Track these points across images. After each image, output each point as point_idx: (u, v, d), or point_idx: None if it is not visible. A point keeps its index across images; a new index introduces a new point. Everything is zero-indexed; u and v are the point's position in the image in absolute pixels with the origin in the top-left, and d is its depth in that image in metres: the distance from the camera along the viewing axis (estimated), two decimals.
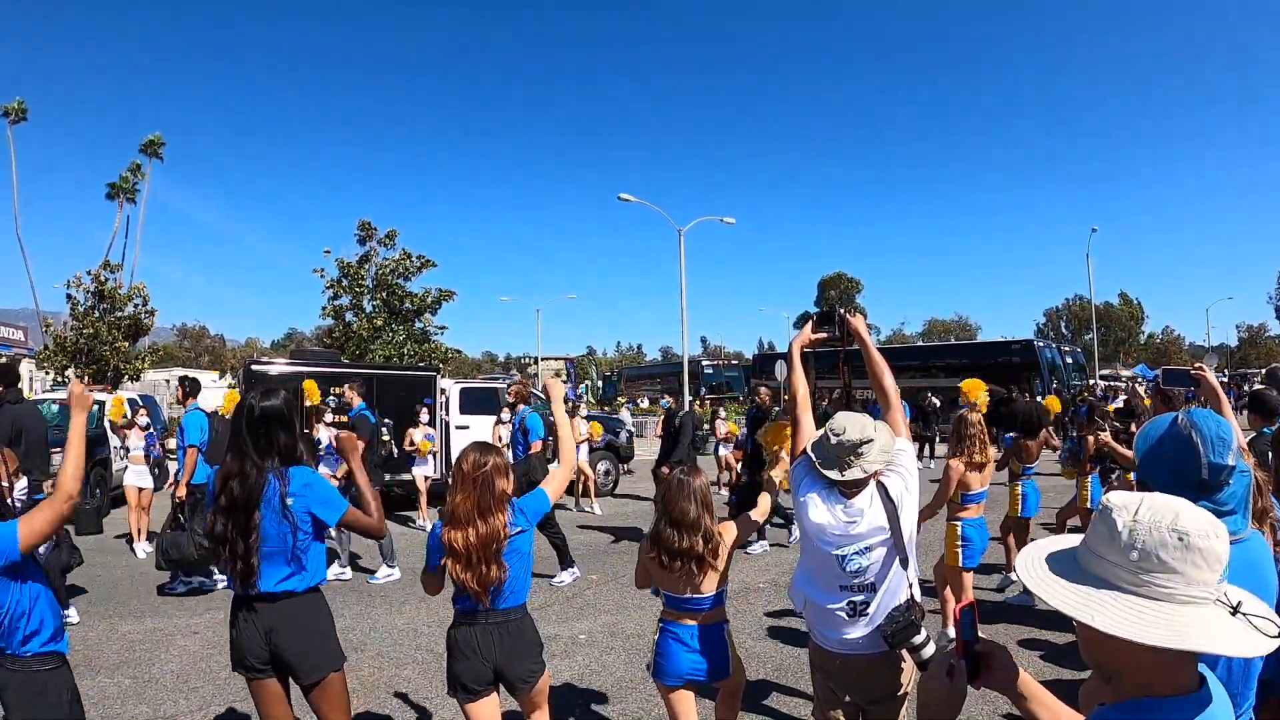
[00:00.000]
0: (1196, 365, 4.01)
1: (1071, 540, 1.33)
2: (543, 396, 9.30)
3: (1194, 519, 1.16)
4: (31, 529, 2.52)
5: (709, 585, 3.22)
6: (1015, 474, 6.93)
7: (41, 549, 2.77)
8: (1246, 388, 23.59)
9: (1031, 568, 1.30)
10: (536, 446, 8.13)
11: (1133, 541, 1.17)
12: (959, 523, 5.29)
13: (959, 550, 5.23)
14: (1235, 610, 1.16)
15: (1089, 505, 7.63)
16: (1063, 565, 1.27)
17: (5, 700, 2.55)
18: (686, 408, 12.27)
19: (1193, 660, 1.19)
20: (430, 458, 11.26)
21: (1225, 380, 28.24)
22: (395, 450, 10.76)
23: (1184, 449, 1.79)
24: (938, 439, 18.35)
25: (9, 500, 2.78)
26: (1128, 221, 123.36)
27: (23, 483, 2.93)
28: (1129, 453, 4.81)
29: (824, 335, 3.16)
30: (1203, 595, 1.15)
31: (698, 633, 3.23)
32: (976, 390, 5.82)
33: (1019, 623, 6.03)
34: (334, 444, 7.27)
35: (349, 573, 7.91)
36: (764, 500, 3.81)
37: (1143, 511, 1.18)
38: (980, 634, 1.44)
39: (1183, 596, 1.14)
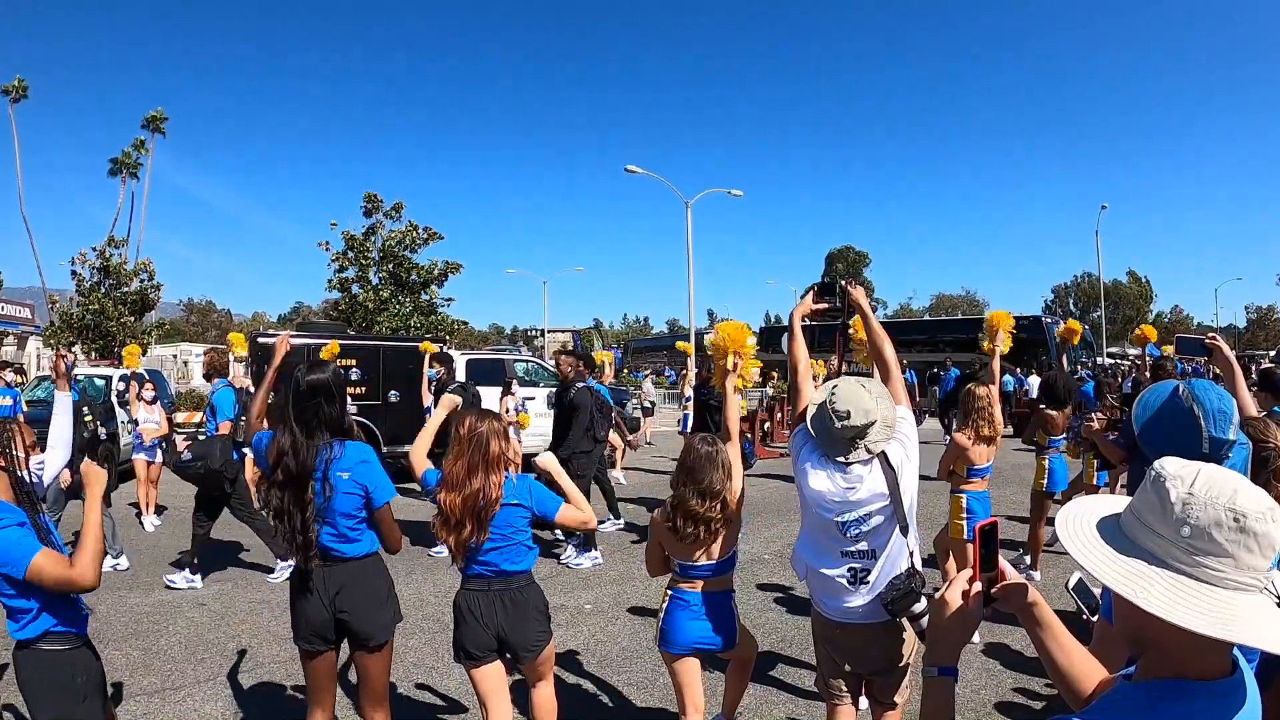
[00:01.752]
0: (1211, 335, 3.97)
1: (1117, 503, 1.25)
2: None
3: (1252, 499, 1.07)
4: (40, 571, 2.45)
5: (718, 550, 3.24)
6: (1042, 446, 6.89)
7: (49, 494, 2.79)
8: (1255, 367, 23.47)
9: (1077, 531, 1.22)
10: (225, 428, 6.85)
11: (1185, 515, 1.09)
12: (964, 495, 5.29)
13: (963, 523, 5.24)
14: None
15: (1095, 481, 7.59)
16: (1109, 532, 1.19)
17: (19, 678, 2.60)
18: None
19: (1229, 645, 1.13)
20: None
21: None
22: (103, 431, 9.79)
23: (1185, 421, 1.75)
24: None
25: (23, 472, 2.70)
26: (1137, 199, 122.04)
27: (38, 457, 2.89)
28: (1114, 449, 4.75)
29: (825, 305, 3.17)
30: (1251, 582, 1.08)
31: (704, 600, 3.24)
32: (1004, 321, 5.75)
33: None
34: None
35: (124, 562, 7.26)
36: (732, 409, 3.63)
37: (1199, 484, 1.10)
38: (1000, 558, 1.37)
39: (1232, 582, 1.07)
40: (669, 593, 3.33)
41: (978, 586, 1.36)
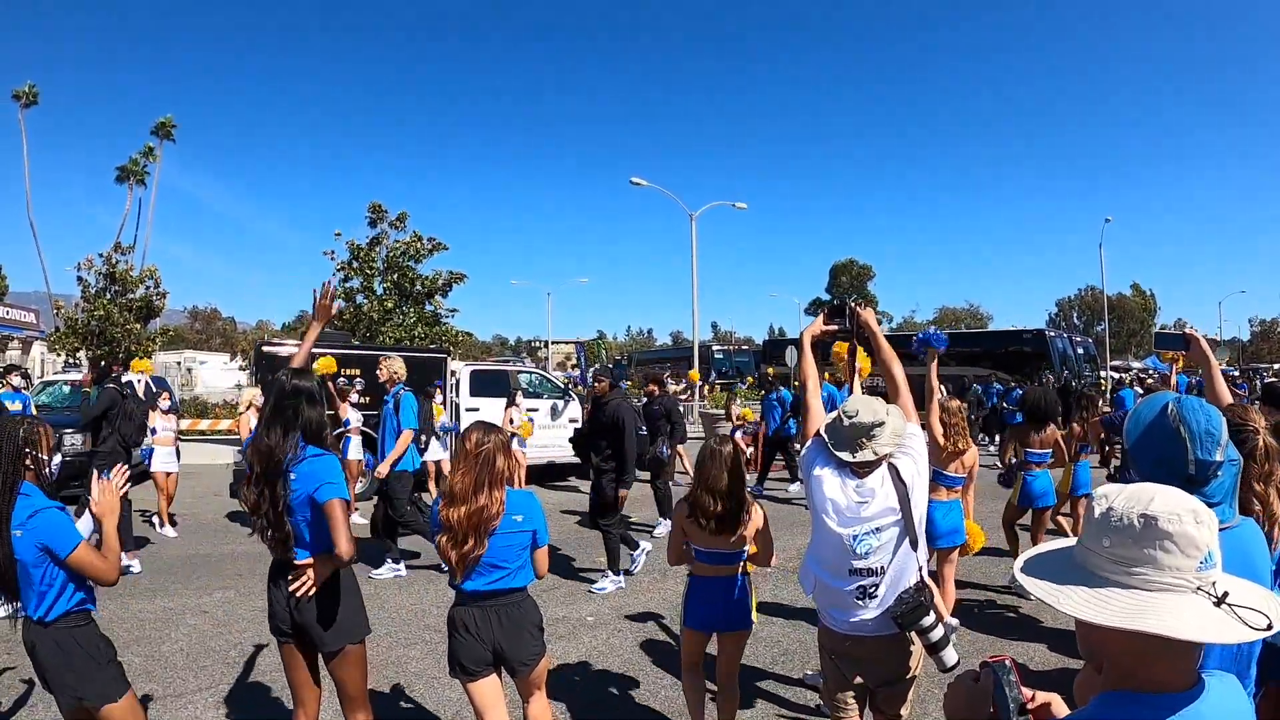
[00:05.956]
0: (1189, 327, 3.98)
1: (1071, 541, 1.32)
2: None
3: (1166, 503, 1.13)
4: (81, 560, 2.73)
5: (736, 542, 3.57)
6: (1021, 462, 6.81)
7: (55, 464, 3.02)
8: (1259, 381, 23.42)
9: (1024, 559, 1.31)
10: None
11: (1106, 528, 1.16)
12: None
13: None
14: (1220, 601, 1.11)
15: (1069, 490, 7.42)
16: (1059, 559, 1.26)
17: (37, 657, 2.80)
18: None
19: (1186, 656, 1.13)
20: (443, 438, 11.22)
21: (1237, 374, 27.93)
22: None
23: (1172, 443, 1.75)
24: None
25: (47, 471, 2.95)
26: (1141, 212, 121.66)
27: (56, 458, 3.10)
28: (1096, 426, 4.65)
29: (835, 327, 3.22)
30: (1177, 582, 1.11)
31: (721, 584, 3.62)
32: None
33: (1036, 614, 6.04)
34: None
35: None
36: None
37: (1120, 498, 1.17)
38: (1022, 691, 1.37)
39: (1157, 585, 1.11)
40: (690, 577, 3.72)
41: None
